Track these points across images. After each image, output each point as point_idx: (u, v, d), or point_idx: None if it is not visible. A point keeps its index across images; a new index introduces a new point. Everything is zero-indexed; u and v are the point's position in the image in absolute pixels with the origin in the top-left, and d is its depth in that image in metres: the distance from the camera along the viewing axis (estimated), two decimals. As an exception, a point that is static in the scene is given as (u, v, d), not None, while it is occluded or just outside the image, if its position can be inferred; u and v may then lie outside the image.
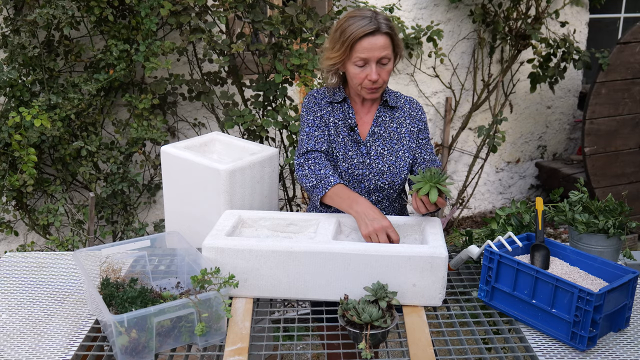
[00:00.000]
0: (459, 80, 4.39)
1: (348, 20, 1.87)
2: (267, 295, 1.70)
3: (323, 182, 1.87)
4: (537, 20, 4.02)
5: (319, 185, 1.88)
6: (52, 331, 1.57)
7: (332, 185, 1.86)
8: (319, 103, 2.01)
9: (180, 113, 3.60)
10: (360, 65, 1.87)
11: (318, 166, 1.91)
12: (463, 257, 1.81)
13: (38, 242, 3.46)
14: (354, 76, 1.90)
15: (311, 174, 1.90)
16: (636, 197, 4.19)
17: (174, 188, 2.20)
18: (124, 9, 3.15)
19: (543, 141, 4.89)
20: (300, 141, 1.98)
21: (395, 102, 2.04)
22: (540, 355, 1.47)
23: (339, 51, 1.87)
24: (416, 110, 2.06)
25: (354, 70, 1.89)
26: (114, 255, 1.74)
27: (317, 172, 1.90)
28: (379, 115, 2.02)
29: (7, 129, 2.87)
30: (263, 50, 3.15)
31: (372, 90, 1.92)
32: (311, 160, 1.93)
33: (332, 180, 1.87)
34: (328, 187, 1.86)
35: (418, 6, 4.14)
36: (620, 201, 1.87)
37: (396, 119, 2.03)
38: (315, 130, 1.97)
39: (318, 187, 1.88)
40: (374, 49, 1.84)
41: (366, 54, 1.84)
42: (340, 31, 1.87)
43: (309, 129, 1.98)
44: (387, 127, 2.02)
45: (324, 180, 1.88)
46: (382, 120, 2.02)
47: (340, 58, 1.88)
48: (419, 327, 1.57)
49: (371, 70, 1.86)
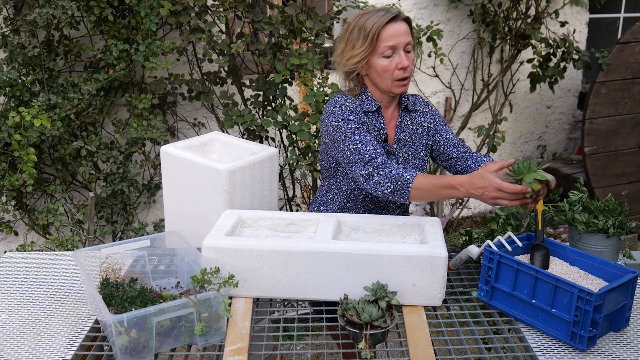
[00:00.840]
0: (459, 80, 4.39)
1: (363, 17, 1.85)
2: (267, 295, 1.70)
3: (400, 182, 1.74)
4: (537, 20, 4.02)
5: (398, 187, 1.74)
6: (52, 331, 1.57)
7: (410, 182, 1.73)
8: (356, 111, 1.90)
9: (180, 113, 3.60)
10: (388, 55, 1.83)
11: (388, 169, 1.77)
12: (463, 257, 1.81)
13: (38, 242, 3.46)
14: (384, 70, 1.85)
15: (385, 180, 1.76)
16: (636, 197, 4.19)
17: (174, 188, 2.20)
18: (124, 9, 3.15)
19: (543, 141, 4.89)
20: (355, 152, 1.81)
21: (414, 105, 2.02)
22: (540, 355, 1.47)
23: (363, 46, 1.83)
24: (427, 106, 2.07)
25: (382, 63, 1.84)
26: (114, 255, 1.74)
27: (389, 175, 1.76)
28: (402, 120, 2.00)
29: (7, 129, 2.87)
30: (263, 50, 3.15)
31: (403, 83, 1.87)
32: (380, 167, 1.78)
33: (408, 177, 1.73)
34: (409, 184, 1.73)
35: (418, 6, 4.14)
36: (620, 201, 1.87)
37: (415, 121, 2.03)
38: (365, 135, 1.84)
39: (398, 190, 1.74)
40: (400, 34, 1.82)
41: (393, 41, 1.81)
42: (358, 28, 1.84)
43: (359, 136, 1.84)
44: (410, 131, 2.01)
45: (401, 180, 1.74)
46: (405, 126, 2.00)
47: (365, 53, 1.84)
48: (419, 327, 1.57)
49: (401, 57, 1.83)
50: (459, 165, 2.02)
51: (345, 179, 2.00)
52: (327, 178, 2.08)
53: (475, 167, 1.98)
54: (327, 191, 2.09)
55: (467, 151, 2.03)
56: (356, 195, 2.00)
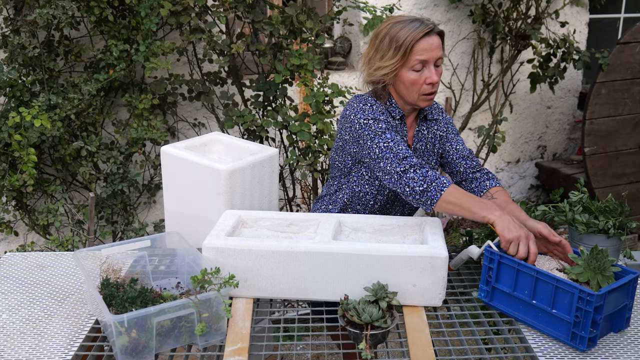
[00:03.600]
0: (458, 80, 4.39)
1: (396, 26, 1.80)
2: (267, 295, 1.70)
3: (435, 183, 1.69)
4: (537, 21, 4.02)
5: (431, 189, 1.68)
6: (52, 331, 1.57)
7: (446, 187, 1.67)
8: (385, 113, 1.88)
9: (180, 113, 3.60)
10: (418, 69, 1.80)
11: (424, 169, 1.73)
12: (463, 258, 1.81)
13: (38, 242, 3.46)
14: (412, 83, 1.81)
15: (419, 177, 1.71)
16: (636, 197, 4.19)
17: (174, 188, 2.20)
18: (124, 9, 3.15)
19: (543, 141, 4.89)
20: (387, 149, 1.77)
21: (431, 114, 2.00)
22: (541, 355, 1.47)
23: (394, 58, 1.79)
24: (441, 113, 2.05)
25: (410, 76, 1.81)
26: (114, 255, 1.74)
27: (425, 174, 1.71)
28: (419, 129, 1.99)
29: (7, 129, 2.87)
30: (263, 50, 3.15)
31: (430, 97, 1.85)
32: (416, 165, 1.74)
33: (445, 181, 1.69)
34: (443, 189, 1.67)
35: (418, 6, 4.14)
36: (620, 201, 1.87)
37: (431, 128, 2.01)
38: (396, 135, 1.81)
39: (430, 191, 1.69)
40: (432, 49, 1.79)
41: (425, 55, 1.78)
42: (390, 37, 1.79)
43: (390, 135, 1.80)
44: (425, 139, 2.00)
45: (436, 181, 1.69)
46: (422, 134, 1.99)
47: (395, 65, 1.80)
48: (419, 327, 1.57)
49: (430, 72, 1.81)
50: (462, 185, 2.00)
51: (359, 179, 1.97)
52: (338, 177, 2.04)
53: (477, 193, 1.94)
54: (336, 189, 2.05)
55: (474, 165, 2.00)
56: (367, 198, 1.98)
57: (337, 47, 4.05)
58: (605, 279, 1.49)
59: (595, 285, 1.49)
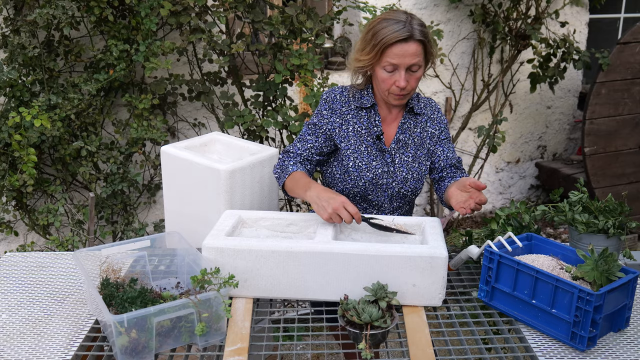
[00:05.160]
0: (459, 80, 4.39)
1: (381, 23, 1.82)
2: (267, 295, 1.70)
3: (283, 172, 1.92)
4: (537, 20, 4.02)
5: (281, 176, 1.92)
6: (52, 331, 1.57)
7: (289, 173, 1.88)
8: (336, 107, 1.96)
9: (180, 113, 3.60)
10: (389, 70, 1.83)
11: (288, 161, 1.95)
12: (463, 257, 1.81)
13: (38, 242, 3.46)
14: (382, 81, 1.86)
15: (278, 167, 1.96)
16: (636, 197, 4.19)
17: (174, 188, 2.20)
18: (124, 9, 3.15)
19: (543, 141, 4.89)
20: (298, 135, 2.00)
21: (420, 108, 2.01)
22: (540, 355, 1.47)
23: (369, 54, 1.83)
24: (436, 112, 2.05)
25: (382, 75, 1.85)
26: (114, 255, 1.74)
27: (282, 165, 1.95)
28: (404, 122, 1.99)
29: (7, 129, 2.87)
30: (263, 50, 3.15)
31: (399, 97, 1.88)
32: (283, 156, 1.97)
33: (290, 169, 1.89)
34: (286, 175, 1.89)
35: (418, 6, 4.14)
36: (620, 201, 1.87)
37: (420, 124, 2.01)
38: (310, 134, 1.98)
39: (280, 179, 1.92)
40: (405, 55, 1.79)
41: (397, 60, 1.80)
42: (372, 33, 1.82)
43: (309, 129, 1.99)
44: (411, 133, 2.00)
45: (284, 170, 1.91)
46: (407, 127, 1.99)
47: (369, 62, 1.85)
48: (419, 327, 1.57)
49: (400, 76, 1.82)
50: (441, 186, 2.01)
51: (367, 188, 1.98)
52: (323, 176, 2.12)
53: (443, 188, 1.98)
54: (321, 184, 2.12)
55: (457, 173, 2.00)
56: (345, 194, 2.00)
57: (337, 47, 4.05)
58: (610, 283, 1.49)
59: (597, 286, 1.49)
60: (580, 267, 1.53)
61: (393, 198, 2.00)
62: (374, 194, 1.99)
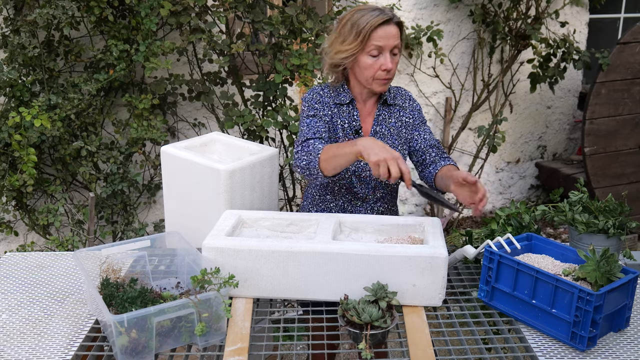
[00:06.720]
0: (458, 80, 4.39)
1: (357, 13, 1.89)
2: (267, 295, 1.70)
3: (312, 153, 1.84)
4: (537, 20, 4.02)
5: (311, 158, 1.83)
6: (52, 331, 1.57)
7: (320, 150, 1.82)
8: (325, 101, 2.01)
9: (180, 113, 3.60)
10: (374, 55, 1.88)
11: (311, 146, 1.87)
12: (457, 257, 1.82)
13: (38, 242, 3.46)
14: (367, 67, 1.90)
15: (302, 154, 1.87)
16: (636, 197, 4.19)
17: (174, 188, 2.20)
18: (124, 9, 3.15)
19: (543, 141, 4.89)
20: (300, 132, 1.97)
21: (393, 99, 2.06)
22: (540, 355, 1.47)
23: (354, 42, 1.88)
24: (408, 100, 2.10)
25: (367, 61, 1.89)
26: (114, 255, 1.74)
27: (306, 149, 1.87)
28: (379, 114, 2.04)
29: (7, 129, 2.87)
30: (263, 50, 3.15)
31: (384, 82, 1.93)
32: (304, 144, 1.90)
33: (319, 147, 1.84)
34: (319, 153, 1.82)
35: (418, 6, 4.14)
36: (620, 201, 1.87)
37: (394, 114, 2.06)
38: (317, 122, 1.97)
39: (312, 162, 1.83)
40: (389, 37, 1.87)
41: (382, 42, 1.86)
42: (351, 23, 1.88)
43: (310, 120, 1.98)
44: (387, 124, 2.04)
45: (313, 152, 1.84)
46: (383, 119, 2.04)
47: (355, 50, 1.89)
48: (419, 327, 1.57)
49: (385, 59, 1.88)
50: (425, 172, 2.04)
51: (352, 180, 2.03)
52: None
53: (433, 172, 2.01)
54: (308, 186, 2.17)
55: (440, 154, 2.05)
56: (331, 186, 2.05)
57: (337, 47, 4.05)
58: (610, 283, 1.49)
59: (598, 286, 1.49)
60: (582, 267, 1.53)
61: (376, 188, 2.06)
62: (359, 187, 2.04)
